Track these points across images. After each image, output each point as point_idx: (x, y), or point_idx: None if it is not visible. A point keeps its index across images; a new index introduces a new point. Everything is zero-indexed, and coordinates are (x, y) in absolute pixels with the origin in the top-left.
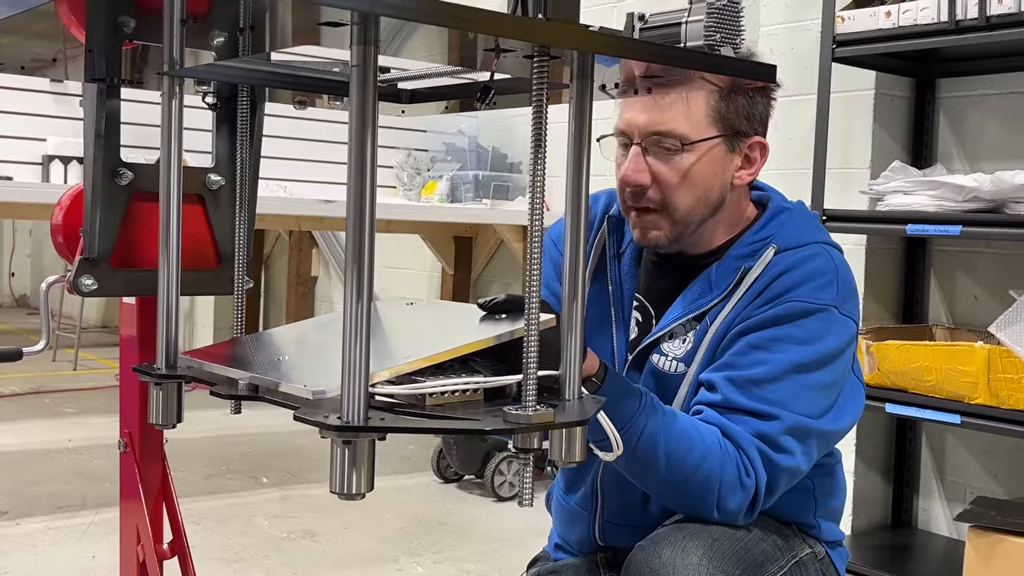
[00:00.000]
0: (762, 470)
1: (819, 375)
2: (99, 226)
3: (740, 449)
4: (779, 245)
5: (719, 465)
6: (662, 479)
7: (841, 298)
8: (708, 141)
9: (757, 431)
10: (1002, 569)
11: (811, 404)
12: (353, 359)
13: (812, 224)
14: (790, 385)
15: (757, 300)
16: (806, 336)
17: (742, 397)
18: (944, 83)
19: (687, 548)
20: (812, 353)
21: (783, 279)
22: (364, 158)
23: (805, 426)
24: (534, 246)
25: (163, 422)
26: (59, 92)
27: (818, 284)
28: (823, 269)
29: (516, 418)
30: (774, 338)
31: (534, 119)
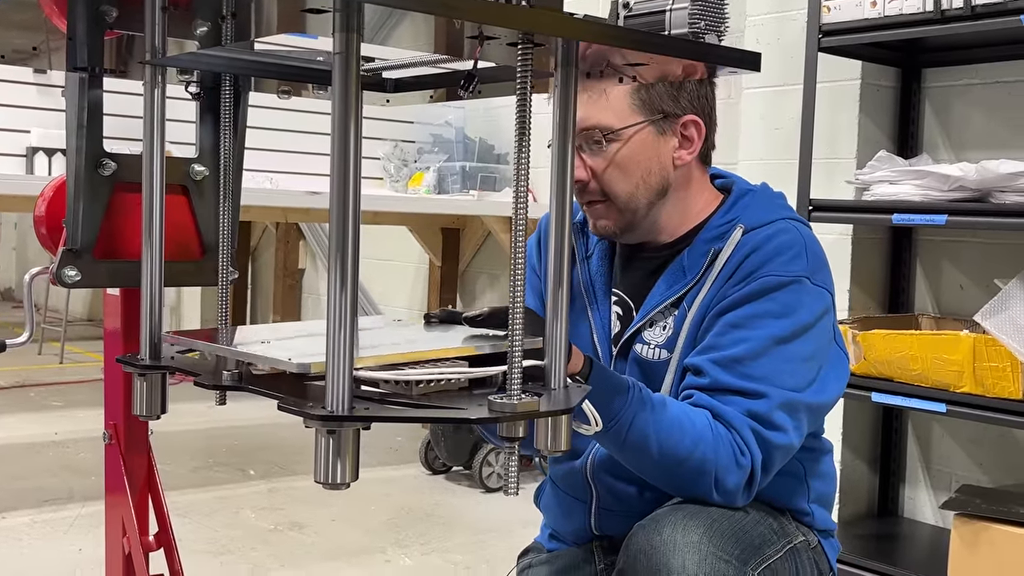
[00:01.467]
0: (757, 449)
1: (800, 345)
2: (82, 217)
3: (733, 430)
4: (746, 225)
5: (712, 449)
6: (657, 468)
7: (811, 269)
8: (633, 127)
9: (748, 410)
10: (987, 556)
11: (796, 376)
12: (337, 348)
13: (777, 203)
14: (773, 359)
15: (731, 280)
16: (782, 309)
17: (728, 376)
18: (930, 73)
19: (687, 527)
20: (790, 325)
21: (753, 257)
22: (347, 147)
23: (793, 400)
24: (519, 235)
25: (147, 413)
26: (43, 84)
27: (787, 258)
28: (790, 243)
29: (501, 407)
30: (751, 315)
31: (518, 107)
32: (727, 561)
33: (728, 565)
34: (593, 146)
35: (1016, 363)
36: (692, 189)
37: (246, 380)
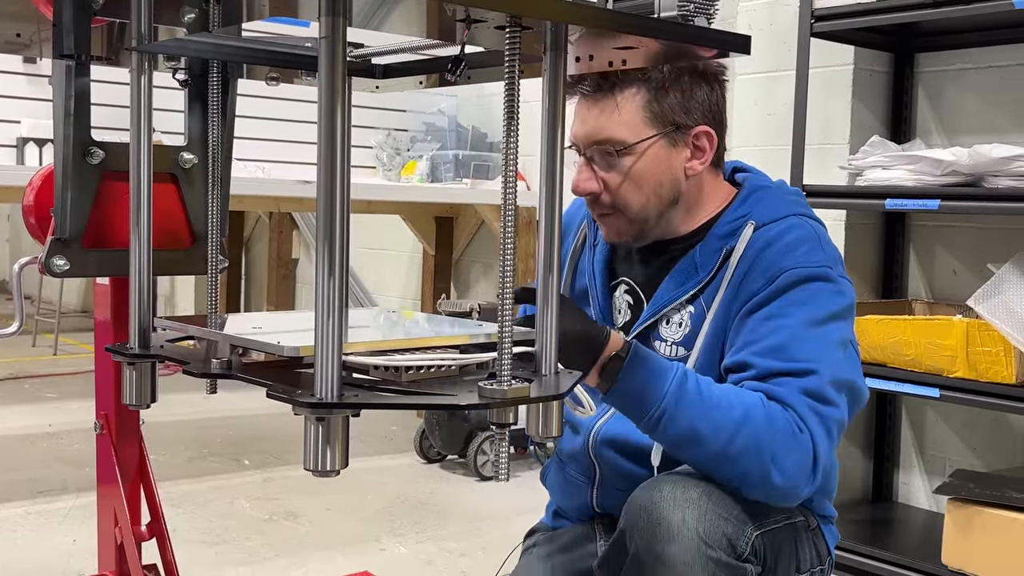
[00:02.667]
0: (816, 425)
1: (836, 328)
2: (70, 206)
3: (788, 406)
4: (757, 221)
5: (766, 425)
6: (707, 449)
7: (831, 261)
8: (646, 141)
9: (801, 388)
10: (980, 540)
11: (839, 358)
12: (326, 336)
13: (790, 199)
14: (815, 340)
15: (747, 277)
16: (812, 297)
17: (776, 362)
18: (923, 57)
19: (687, 485)
20: (822, 310)
21: (768, 253)
22: (334, 131)
23: (840, 378)
24: (508, 220)
25: (137, 402)
26: (33, 74)
27: (805, 251)
28: (805, 237)
29: (491, 393)
30: (783, 305)
31: (506, 91)
32: (726, 519)
33: (727, 523)
34: (606, 159)
35: (1009, 348)
36: (704, 193)
37: (236, 368)
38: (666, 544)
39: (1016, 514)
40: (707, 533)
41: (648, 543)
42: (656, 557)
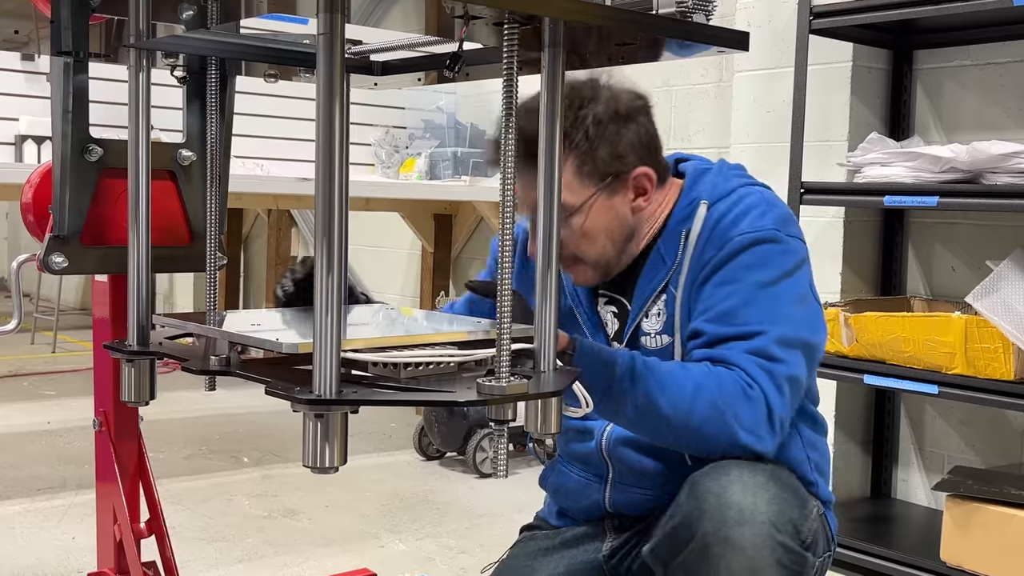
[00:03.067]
0: (765, 380)
1: (787, 287)
2: (69, 203)
3: (734, 367)
4: (708, 199)
5: (717, 388)
6: (671, 425)
7: (780, 222)
8: (589, 200)
9: (747, 348)
10: (979, 537)
11: (788, 315)
12: (325, 332)
13: (735, 173)
14: (764, 303)
15: (706, 250)
16: (761, 260)
17: (724, 327)
18: (921, 54)
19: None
20: (772, 271)
21: (722, 223)
22: (332, 127)
23: (789, 336)
24: (507, 216)
25: (135, 399)
26: (31, 71)
27: (754, 216)
28: (754, 203)
29: (490, 389)
30: (733, 271)
31: (504, 87)
32: (792, 505)
33: (792, 508)
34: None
35: (1008, 344)
36: (655, 209)
37: (234, 365)
38: (736, 527)
39: (1014, 510)
40: (777, 517)
41: (717, 526)
42: (725, 540)
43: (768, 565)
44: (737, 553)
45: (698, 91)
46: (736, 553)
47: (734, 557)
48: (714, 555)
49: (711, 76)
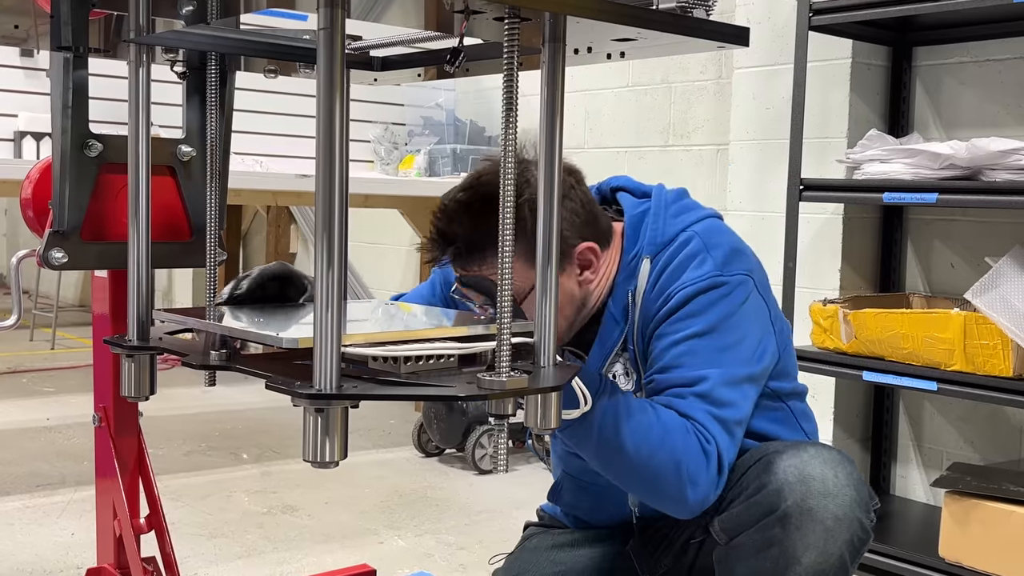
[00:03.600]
0: (718, 431)
1: (728, 330)
2: (68, 198)
3: (691, 419)
4: (649, 254)
5: (682, 440)
6: (630, 458)
7: (721, 264)
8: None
9: (694, 393)
10: (978, 533)
11: (730, 359)
12: (325, 328)
13: (673, 211)
14: (705, 351)
15: (651, 305)
16: (702, 308)
17: (671, 375)
18: (920, 51)
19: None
20: (713, 317)
21: (663, 279)
22: (333, 123)
23: (733, 377)
24: (507, 212)
25: (135, 394)
26: (30, 67)
27: (693, 267)
28: (692, 252)
29: (490, 384)
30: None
31: (505, 83)
32: (862, 481)
33: (864, 486)
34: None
35: (1007, 341)
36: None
37: (235, 360)
38: (820, 499)
39: (1013, 507)
40: (858, 494)
41: (801, 497)
42: (808, 511)
43: (843, 541)
44: (816, 524)
45: (697, 88)
46: (816, 524)
47: (812, 528)
48: (793, 525)
49: (710, 73)
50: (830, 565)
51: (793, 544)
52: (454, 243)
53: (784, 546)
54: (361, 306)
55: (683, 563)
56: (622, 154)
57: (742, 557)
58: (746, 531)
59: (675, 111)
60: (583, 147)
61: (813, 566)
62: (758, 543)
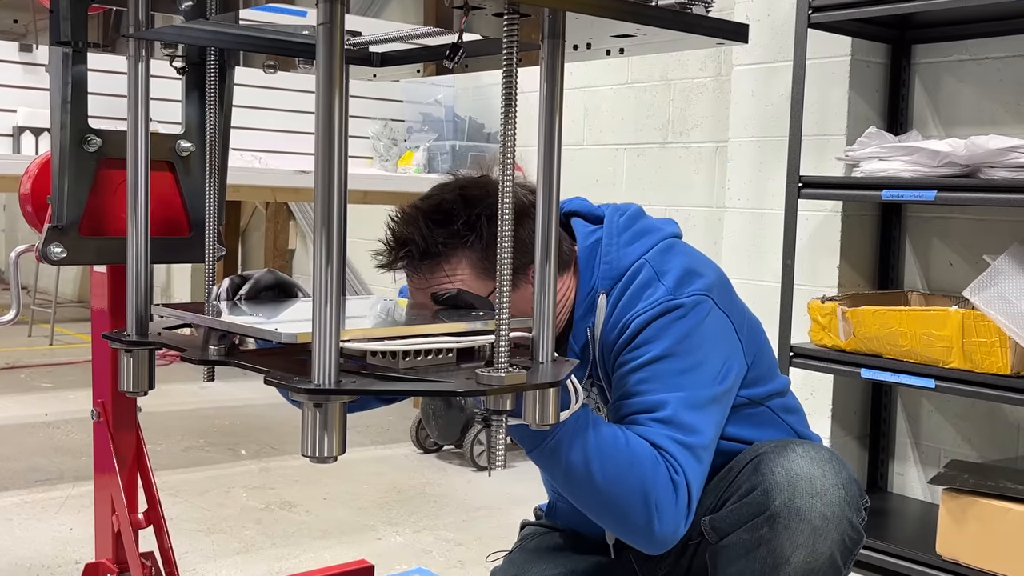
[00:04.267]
0: (686, 459)
1: (685, 353)
2: (67, 193)
3: (658, 448)
4: (604, 288)
5: (650, 469)
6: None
7: (673, 288)
8: (488, 297)
9: (656, 419)
10: (975, 530)
11: (693, 382)
12: (324, 323)
13: (624, 239)
14: (665, 376)
15: (608, 339)
16: (657, 334)
17: (631, 402)
18: (919, 49)
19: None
20: (668, 342)
21: (618, 311)
22: (332, 118)
23: (697, 398)
24: (506, 207)
25: (134, 389)
26: (29, 63)
27: (646, 296)
28: (644, 281)
29: (488, 379)
30: (632, 351)
31: (504, 78)
32: (853, 480)
33: (855, 485)
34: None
35: (1005, 339)
36: (559, 299)
37: (234, 355)
38: (808, 498)
39: (1011, 504)
40: (847, 493)
41: (788, 497)
42: (795, 511)
43: (833, 541)
44: (804, 524)
45: (696, 85)
46: (803, 524)
47: (800, 528)
48: (780, 524)
49: (709, 70)
50: (819, 565)
51: (781, 544)
52: (407, 247)
53: (772, 546)
54: (360, 302)
55: (682, 564)
56: (621, 151)
57: (732, 558)
58: (735, 531)
59: (674, 108)
60: (582, 144)
61: (802, 566)
62: (747, 543)
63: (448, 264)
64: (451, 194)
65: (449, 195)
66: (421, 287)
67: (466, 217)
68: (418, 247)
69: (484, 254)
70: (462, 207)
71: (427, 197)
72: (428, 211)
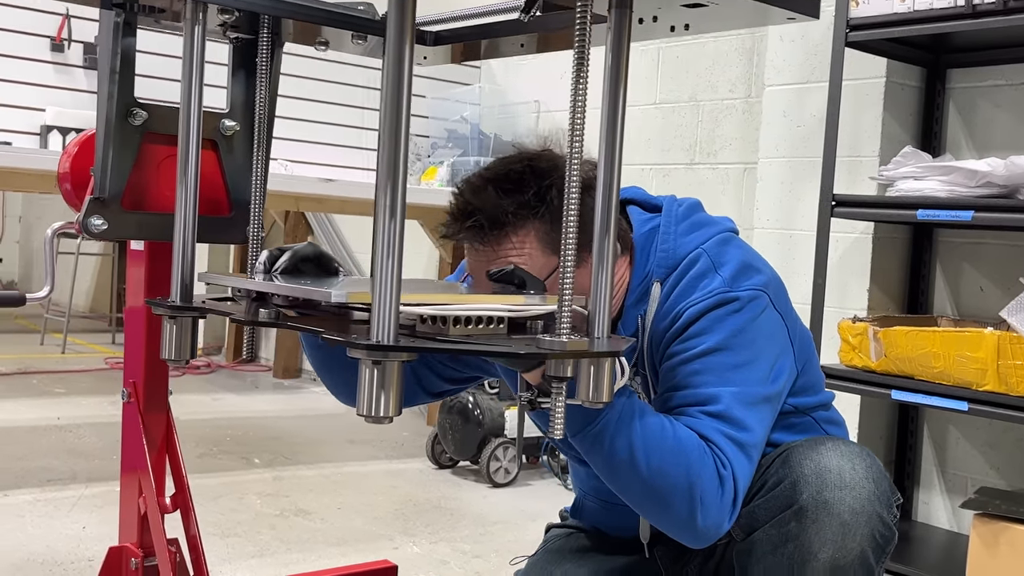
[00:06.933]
0: (735, 455)
1: (741, 353)
2: (111, 165)
3: (708, 441)
4: (659, 277)
5: (699, 460)
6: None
7: (730, 280)
8: (553, 272)
9: (708, 412)
10: (1007, 557)
11: (746, 379)
12: (385, 279)
13: (684, 228)
14: (718, 369)
15: (660, 328)
16: (711, 326)
17: (682, 394)
18: (955, 73)
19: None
20: (722, 334)
21: (672, 299)
22: (402, 66)
23: (748, 395)
24: (573, 171)
25: (176, 357)
26: (60, 63)
27: (702, 286)
28: (701, 271)
29: (550, 344)
30: (685, 342)
31: (577, 36)
32: (884, 475)
33: (886, 481)
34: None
35: None
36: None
37: (283, 320)
38: (836, 491)
39: None
40: (877, 487)
41: (817, 490)
42: (823, 504)
43: (863, 536)
44: (832, 519)
45: (726, 106)
46: (832, 518)
47: (828, 522)
48: (808, 518)
49: (740, 91)
50: (849, 562)
51: (809, 539)
52: (475, 216)
53: (800, 541)
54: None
55: (709, 567)
56: (647, 171)
57: (758, 555)
58: (762, 527)
59: (702, 129)
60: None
61: (830, 562)
62: (774, 539)
63: (516, 236)
64: (519, 164)
65: (517, 165)
66: (483, 260)
67: (536, 188)
68: (487, 216)
69: (552, 227)
70: (532, 177)
71: (493, 167)
72: (497, 180)
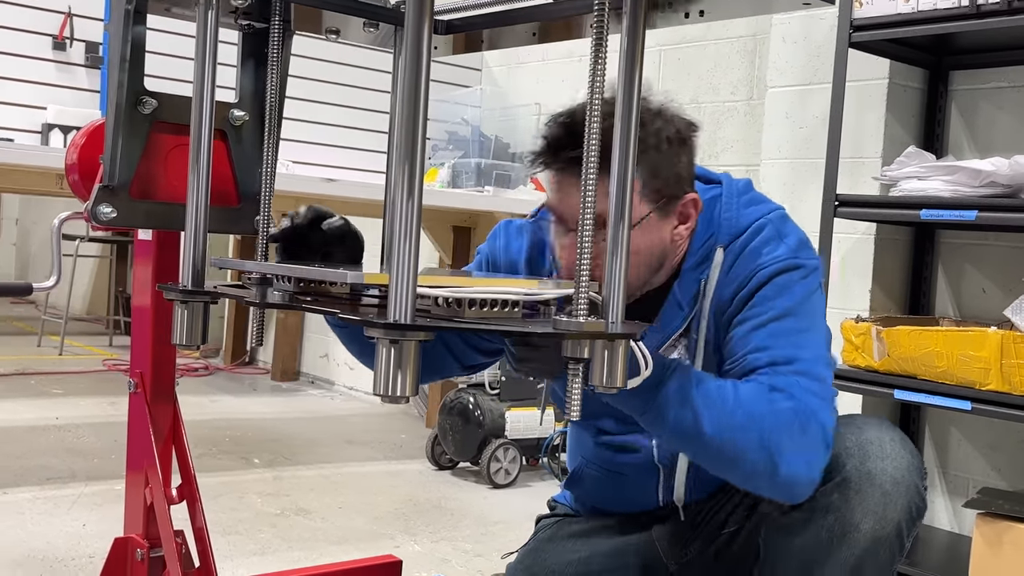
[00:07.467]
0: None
1: (810, 312)
2: (120, 153)
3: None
4: (723, 243)
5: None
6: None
7: (794, 250)
8: (643, 219)
9: (794, 371)
10: (1011, 557)
11: (818, 340)
12: (402, 259)
13: (744, 200)
14: (790, 333)
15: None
16: (781, 290)
17: (760, 358)
18: (957, 75)
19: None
20: (795, 298)
21: (739, 264)
22: (420, 50)
23: (824, 355)
24: (591, 155)
25: (188, 342)
26: (62, 61)
27: (769, 250)
28: (767, 237)
29: (567, 325)
30: (755, 307)
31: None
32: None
33: (919, 457)
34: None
35: None
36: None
37: (295, 302)
38: (879, 461)
39: None
40: (913, 455)
41: (860, 461)
42: (867, 474)
43: (901, 508)
44: (875, 488)
45: (727, 108)
46: (874, 489)
47: (871, 492)
48: (852, 489)
49: (741, 94)
50: (886, 534)
51: (852, 510)
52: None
53: (841, 512)
54: None
55: (710, 552)
56: None
57: (796, 530)
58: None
59: (704, 132)
60: None
61: (870, 534)
62: (811, 512)
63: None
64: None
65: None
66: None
67: (644, 131)
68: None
69: (652, 173)
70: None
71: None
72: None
